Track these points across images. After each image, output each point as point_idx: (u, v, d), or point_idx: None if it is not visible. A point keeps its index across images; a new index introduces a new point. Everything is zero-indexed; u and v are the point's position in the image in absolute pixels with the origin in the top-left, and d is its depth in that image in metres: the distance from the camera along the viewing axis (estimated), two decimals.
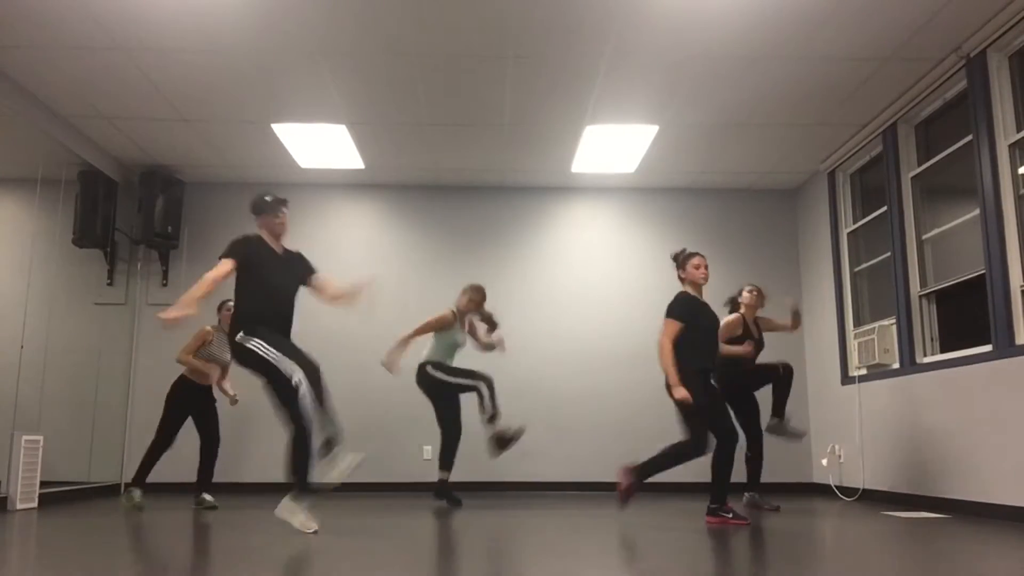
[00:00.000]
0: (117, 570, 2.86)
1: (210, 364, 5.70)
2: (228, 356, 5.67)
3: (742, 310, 5.58)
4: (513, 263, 7.52)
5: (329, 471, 3.91)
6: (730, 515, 4.49)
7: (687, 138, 6.45)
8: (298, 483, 3.90)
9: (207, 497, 5.58)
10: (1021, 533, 3.95)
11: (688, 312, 4.59)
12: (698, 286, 4.74)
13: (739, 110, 5.90)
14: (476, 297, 5.89)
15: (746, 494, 5.56)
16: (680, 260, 4.83)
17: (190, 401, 5.64)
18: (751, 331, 5.53)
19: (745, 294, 5.61)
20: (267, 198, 4.33)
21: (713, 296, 5.91)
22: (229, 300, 5.65)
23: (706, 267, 4.77)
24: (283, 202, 4.35)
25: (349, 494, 6.67)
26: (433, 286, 7.40)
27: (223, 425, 5.80)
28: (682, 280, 4.80)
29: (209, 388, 5.76)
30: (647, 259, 7.54)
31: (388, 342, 7.19)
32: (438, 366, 5.78)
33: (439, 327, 5.81)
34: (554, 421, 7.13)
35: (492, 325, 5.92)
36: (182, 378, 5.67)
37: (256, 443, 6.81)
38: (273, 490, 6.61)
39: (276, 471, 6.67)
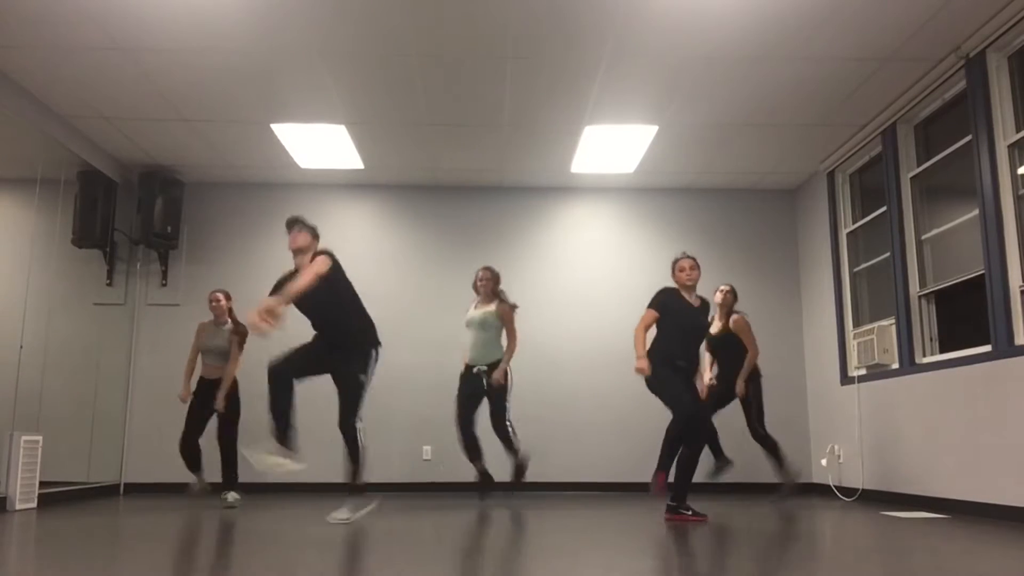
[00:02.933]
0: (116, 571, 2.86)
1: (208, 361, 5.80)
2: (220, 342, 5.76)
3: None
4: (512, 263, 7.51)
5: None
6: (689, 512, 4.62)
7: (686, 138, 6.45)
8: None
9: (228, 496, 5.62)
10: (1021, 533, 3.95)
11: (662, 303, 4.76)
12: (686, 287, 4.84)
13: (739, 110, 5.90)
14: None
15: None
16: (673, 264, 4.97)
17: (204, 398, 5.73)
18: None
19: (716, 295, 5.91)
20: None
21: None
22: (217, 291, 5.89)
23: (691, 268, 4.81)
24: (288, 224, 4.59)
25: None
26: (432, 286, 7.41)
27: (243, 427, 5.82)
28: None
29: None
30: (646, 259, 7.54)
31: (386, 342, 7.20)
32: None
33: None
34: (554, 421, 7.13)
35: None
36: (200, 378, 5.85)
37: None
38: (275, 490, 6.62)
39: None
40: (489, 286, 5.90)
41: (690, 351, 4.79)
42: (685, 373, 4.76)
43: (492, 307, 5.89)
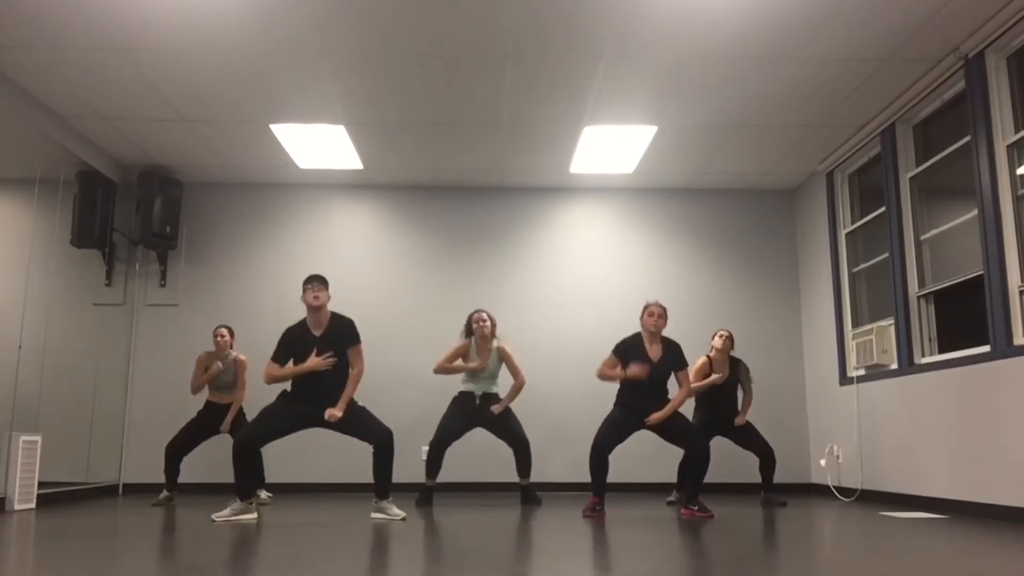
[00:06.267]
0: (115, 571, 2.86)
1: (216, 390, 6.02)
2: (227, 376, 5.99)
3: (712, 353, 5.88)
4: (512, 264, 7.52)
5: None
6: (695, 507, 4.96)
7: (685, 139, 6.46)
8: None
9: (260, 494, 5.86)
10: (1021, 533, 3.95)
11: (622, 351, 5.08)
12: (649, 332, 5.07)
13: (737, 111, 5.91)
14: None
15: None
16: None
17: (207, 420, 5.93)
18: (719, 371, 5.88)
19: (716, 339, 5.90)
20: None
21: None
22: (221, 326, 6.06)
23: (659, 316, 5.06)
24: (310, 279, 4.67)
25: (347, 494, 6.67)
26: (431, 286, 7.41)
27: None
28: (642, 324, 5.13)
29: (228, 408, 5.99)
30: (645, 259, 7.55)
31: (386, 343, 7.21)
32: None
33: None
34: (552, 421, 7.13)
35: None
36: (207, 402, 6.04)
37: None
38: (285, 490, 6.62)
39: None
40: (488, 328, 5.85)
41: (645, 399, 5.03)
42: (638, 412, 5.03)
43: (494, 355, 5.89)
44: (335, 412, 4.56)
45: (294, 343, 4.66)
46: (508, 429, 5.82)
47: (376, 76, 5.38)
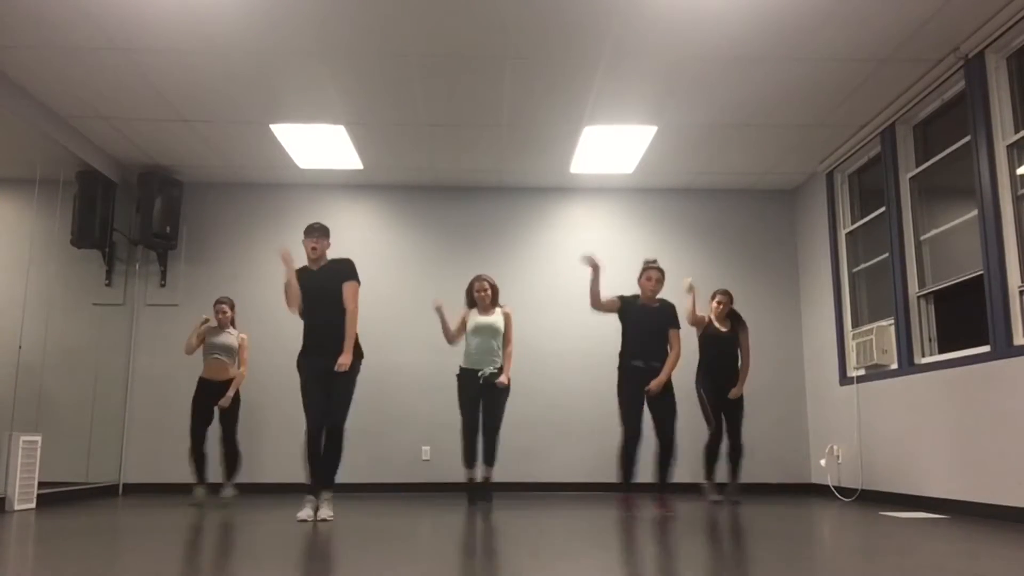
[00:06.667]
0: (115, 571, 2.86)
1: (213, 356, 6.04)
2: (226, 340, 6.04)
3: (710, 316, 6.15)
4: (512, 264, 7.52)
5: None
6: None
7: (685, 139, 6.46)
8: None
9: (227, 491, 5.98)
10: (1020, 533, 3.95)
11: (623, 302, 5.36)
12: (647, 296, 5.31)
13: (737, 111, 5.91)
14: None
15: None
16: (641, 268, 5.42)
17: (205, 399, 5.94)
18: (716, 330, 6.12)
19: (713, 304, 6.17)
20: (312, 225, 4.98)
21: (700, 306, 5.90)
22: (222, 301, 6.08)
23: (657, 281, 5.29)
24: (309, 230, 4.91)
25: (347, 494, 6.67)
26: (431, 286, 7.41)
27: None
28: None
29: (227, 385, 5.99)
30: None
31: (385, 343, 7.22)
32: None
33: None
34: (553, 421, 7.14)
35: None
36: (201, 379, 6.04)
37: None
38: (287, 490, 6.62)
39: (287, 472, 6.68)
40: (489, 297, 5.94)
41: (648, 349, 5.21)
42: (641, 376, 5.17)
43: (498, 314, 5.95)
44: (344, 361, 4.72)
45: (300, 275, 4.93)
46: (494, 406, 5.80)
47: (376, 76, 5.38)
